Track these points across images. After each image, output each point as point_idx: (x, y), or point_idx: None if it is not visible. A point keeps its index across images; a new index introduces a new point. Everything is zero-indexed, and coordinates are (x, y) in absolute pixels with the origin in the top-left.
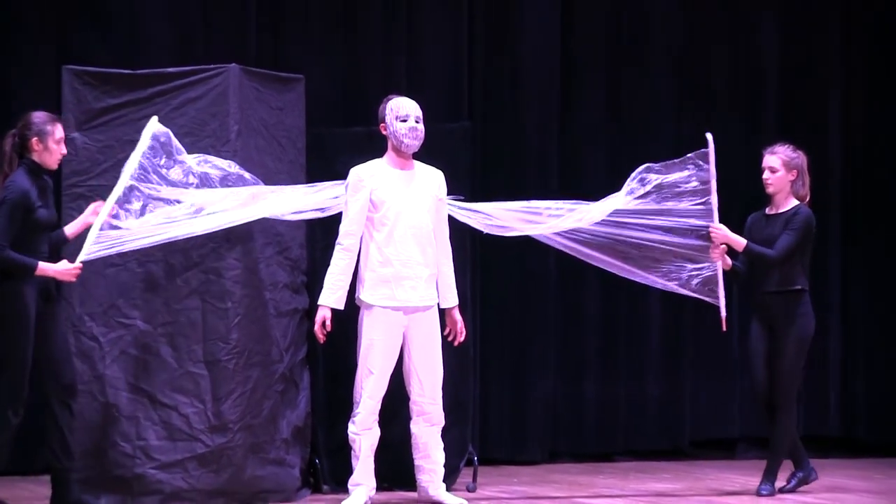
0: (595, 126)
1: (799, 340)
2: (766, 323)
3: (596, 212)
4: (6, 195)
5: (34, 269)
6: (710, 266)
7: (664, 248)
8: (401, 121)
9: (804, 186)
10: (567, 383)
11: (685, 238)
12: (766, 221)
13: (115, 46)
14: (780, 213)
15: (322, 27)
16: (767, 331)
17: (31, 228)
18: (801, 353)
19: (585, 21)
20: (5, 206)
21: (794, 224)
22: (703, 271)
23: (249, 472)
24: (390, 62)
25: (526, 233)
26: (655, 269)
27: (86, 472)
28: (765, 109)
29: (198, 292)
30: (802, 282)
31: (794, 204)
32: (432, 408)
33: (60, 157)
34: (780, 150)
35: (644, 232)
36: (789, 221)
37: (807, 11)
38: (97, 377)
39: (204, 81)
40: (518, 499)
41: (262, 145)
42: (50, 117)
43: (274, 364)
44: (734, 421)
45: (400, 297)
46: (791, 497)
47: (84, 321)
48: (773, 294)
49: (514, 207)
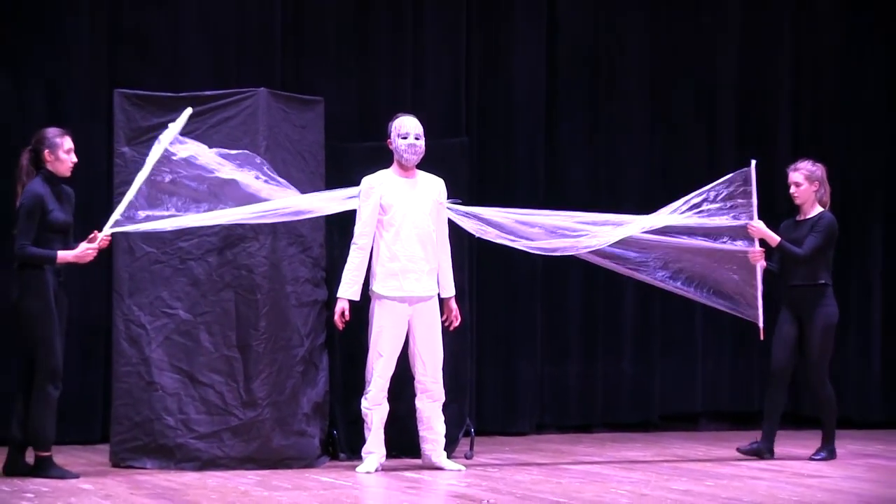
0: (576, 142)
1: (825, 328)
2: (795, 313)
3: (637, 226)
4: (23, 201)
5: (55, 259)
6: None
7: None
8: (402, 138)
9: (826, 194)
10: (551, 365)
11: (722, 243)
12: (795, 226)
13: (160, 71)
14: (807, 219)
15: (338, 54)
16: (796, 320)
17: (46, 229)
18: (827, 339)
19: (567, 50)
20: (23, 210)
21: (819, 227)
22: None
23: (276, 442)
24: (397, 85)
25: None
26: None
27: (134, 441)
28: (723, 125)
29: (231, 286)
30: (826, 277)
31: (819, 210)
32: (434, 386)
33: (71, 165)
34: (802, 167)
35: (684, 238)
36: (815, 225)
37: (760, 41)
38: (144, 360)
39: (236, 103)
40: (509, 465)
41: (287, 158)
42: (59, 132)
43: (296, 348)
44: (697, 397)
45: (406, 289)
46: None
47: (133, 311)
48: (801, 287)
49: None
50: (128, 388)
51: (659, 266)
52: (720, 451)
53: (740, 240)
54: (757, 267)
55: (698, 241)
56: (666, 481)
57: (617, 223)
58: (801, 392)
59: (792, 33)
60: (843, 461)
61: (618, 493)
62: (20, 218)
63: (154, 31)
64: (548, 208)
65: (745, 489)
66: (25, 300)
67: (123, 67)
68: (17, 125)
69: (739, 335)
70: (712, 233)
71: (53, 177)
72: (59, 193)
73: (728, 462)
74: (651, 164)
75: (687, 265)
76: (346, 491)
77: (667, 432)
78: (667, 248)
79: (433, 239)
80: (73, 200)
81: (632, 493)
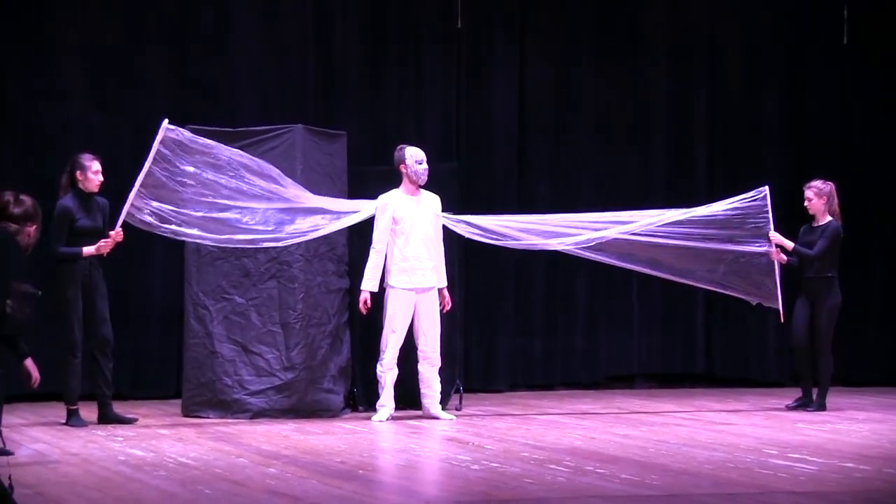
0: (541, 166)
1: (830, 311)
2: (809, 299)
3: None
4: (55, 212)
5: (80, 254)
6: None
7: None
8: (418, 163)
9: (836, 205)
10: (522, 338)
11: (747, 246)
12: (810, 231)
13: (220, 110)
14: (819, 226)
15: (357, 98)
16: (809, 305)
17: (75, 233)
18: (832, 319)
19: (534, 95)
20: (54, 219)
21: (826, 234)
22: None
23: (309, 397)
24: (402, 121)
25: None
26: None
27: (200, 397)
28: (654, 153)
29: (275, 277)
30: (833, 271)
31: (829, 219)
32: (433, 354)
33: (98, 183)
34: (813, 185)
35: (704, 243)
36: (824, 231)
37: (682, 88)
38: (207, 334)
39: (279, 136)
40: (489, 415)
41: (318, 179)
42: (90, 157)
43: (325, 325)
44: (633, 363)
45: (413, 282)
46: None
47: (199, 296)
48: (813, 279)
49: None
50: (195, 356)
51: (701, 271)
52: (652, 405)
53: (757, 244)
54: (776, 264)
55: (721, 245)
56: (610, 427)
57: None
58: (698, 356)
59: (705, 84)
60: (747, 413)
61: (573, 437)
62: (52, 226)
63: (215, 79)
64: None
65: (670, 433)
66: (58, 288)
67: (193, 107)
68: (112, 154)
69: (667, 314)
70: (732, 237)
71: (83, 192)
72: (89, 205)
73: (658, 413)
74: (599, 184)
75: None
76: (364, 435)
77: (610, 390)
78: (695, 256)
79: (434, 243)
80: (106, 209)
81: (584, 436)
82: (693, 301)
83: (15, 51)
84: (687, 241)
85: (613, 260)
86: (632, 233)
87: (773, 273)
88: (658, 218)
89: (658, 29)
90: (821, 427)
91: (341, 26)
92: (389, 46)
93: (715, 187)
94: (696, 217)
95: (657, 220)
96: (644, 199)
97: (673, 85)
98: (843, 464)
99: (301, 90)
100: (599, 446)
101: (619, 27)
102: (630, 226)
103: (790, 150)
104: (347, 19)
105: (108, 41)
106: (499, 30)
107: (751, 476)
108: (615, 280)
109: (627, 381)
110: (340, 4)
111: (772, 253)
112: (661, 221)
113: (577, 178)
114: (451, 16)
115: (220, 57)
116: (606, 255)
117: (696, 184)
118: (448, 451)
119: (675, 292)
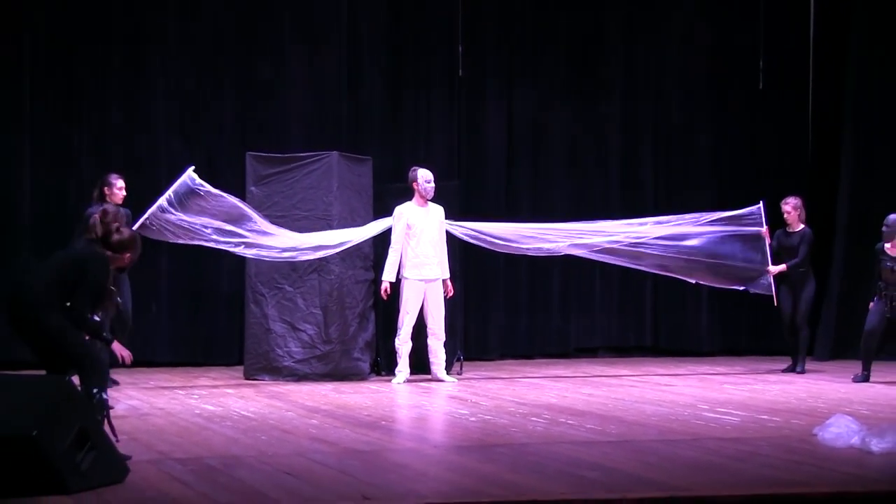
0: (524, 183)
1: (809, 297)
2: (790, 288)
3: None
4: (84, 218)
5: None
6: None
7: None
8: (427, 182)
9: (804, 214)
10: (509, 317)
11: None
12: (786, 235)
13: (272, 139)
14: (796, 231)
15: (380, 129)
16: (790, 292)
17: None
18: (810, 303)
19: (520, 124)
20: (82, 223)
21: (806, 240)
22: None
23: (342, 365)
24: (415, 148)
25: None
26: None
27: (257, 364)
28: (612, 173)
29: (316, 270)
30: (808, 265)
31: (802, 227)
32: (439, 331)
33: (122, 197)
34: (790, 201)
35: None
36: (802, 238)
37: (636, 119)
38: (263, 315)
39: (318, 161)
40: (484, 379)
41: (350, 195)
42: (116, 175)
43: (354, 308)
44: (597, 337)
45: (423, 274)
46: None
47: (257, 285)
48: (794, 273)
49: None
50: (254, 332)
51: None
52: (611, 370)
53: (751, 254)
54: (771, 268)
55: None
56: (578, 388)
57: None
58: (647, 332)
59: (651, 120)
60: (685, 377)
61: (549, 396)
62: (79, 228)
63: (269, 116)
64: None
65: (625, 393)
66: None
67: (251, 138)
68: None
69: (622, 299)
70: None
71: (110, 204)
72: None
73: (615, 377)
74: (569, 198)
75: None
76: (386, 394)
77: (578, 359)
78: (697, 260)
79: (439, 244)
80: (129, 217)
81: (558, 395)
82: (643, 289)
83: (118, 91)
84: (690, 255)
85: (624, 262)
86: (638, 241)
87: (767, 273)
88: (650, 229)
89: (615, 77)
90: (742, 387)
91: (368, 75)
92: (405, 90)
93: (659, 201)
94: (699, 231)
95: (650, 234)
96: (604, 210)
97: (626, 121)
98: (759, 416)
99: (336, 125)
100: (570, 403)
101: (585, 76)
102: (625, 233)
103: (716, 172)
104: (372, 70)
105: (189, 85)
106: (491, 77)
107: (687, 426)
108: (583, 272)
109: (592, 352)
110: (367, 59)
111: (769, 272)
112: (655, 234)
113: (552, 193)
114: (454, 66)
115: (273, 100)
116: (618, 257)
117: (644, 198)
118: (451, 407)
119: (629, 282)
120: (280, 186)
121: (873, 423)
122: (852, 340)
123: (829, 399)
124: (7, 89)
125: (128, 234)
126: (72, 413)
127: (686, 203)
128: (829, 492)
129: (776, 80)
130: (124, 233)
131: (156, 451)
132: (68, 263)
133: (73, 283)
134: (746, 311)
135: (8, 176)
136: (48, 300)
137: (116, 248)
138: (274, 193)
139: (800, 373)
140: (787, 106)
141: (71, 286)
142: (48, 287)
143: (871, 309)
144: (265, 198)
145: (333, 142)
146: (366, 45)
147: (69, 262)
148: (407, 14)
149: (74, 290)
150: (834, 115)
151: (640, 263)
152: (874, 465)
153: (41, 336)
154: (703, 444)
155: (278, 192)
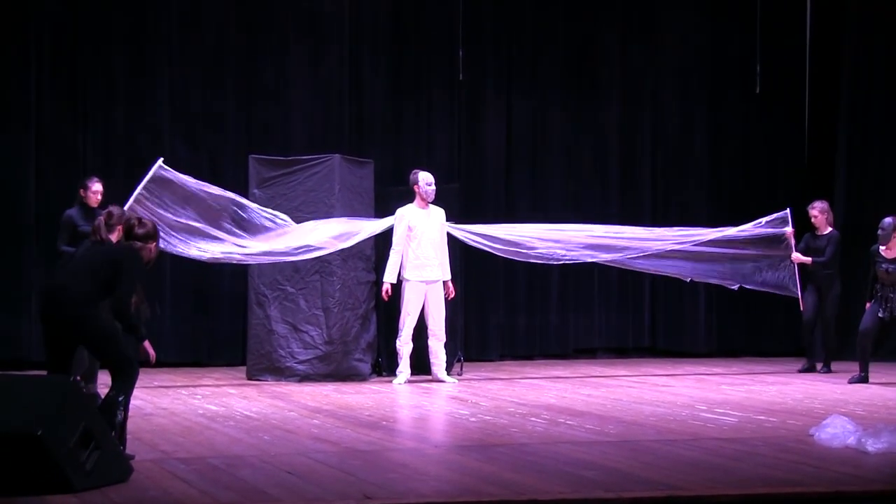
0: (523, 186)
1: (834, 299)
2: (816, 289)
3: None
4: (61, 218)
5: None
6: (787, 275)
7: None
8: (428, 184)
9: (831, 217)
10: (509, 318)
11: (769, 251)
12: (814, 238)
13: (276, 143)
14: (823, 235)
15: (381, 133)
16: (817, 292)
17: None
18: (836, 302)
19: (518, 128)
20: (60, 223)
21: (832, 241)
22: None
23: (344, 365)
24: (416, 151)
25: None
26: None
27: (260, 364)
28: (609, 177)
29: (318, 272)
30: (834, 268)
31: (830, 230)
32: (439, 331)
33: (97, 200)
34: (818, 205)
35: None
36: (830, 240)
37: (632, 123)
38: (266, 316)
39: (321, 164)
40: (484, 379)
41: (352, 197)
42: (95, 179)
43: (356, 309)
44: (595, 339)
45: (424, 276)
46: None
47: (260, 287)
48: (821, 274)
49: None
50: (257, 332)
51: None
52: (609, 371)
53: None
54: (795, 266)
55: (745, 251)
56: (577, 389)
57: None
58: (645, 333)
59: (649, 124)
60: (683, 377)
61: (549, 396)
62: (59, 229)
63: (273, 120)
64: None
65: (623, 393)
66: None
67: (256, 141)
68: (193, 177)
69: (621, 301)
70: (751, 247)
71: (86, 206)
72: (90, 215)
73: (614, 377)
74: (566, 200)
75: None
76: (387, 394)
77: (577, 360)
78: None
79: (440, 245)
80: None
81: (557, 395)
82: (641, 290)
83: (122, 92)
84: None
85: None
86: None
87: (794, 276)
88: (683, 237)
89: (612, 81)
90: (739, 388)
91: (369, 79)
92: (406, 94)
93: (657, 203)
94: (727, 237)
95: (689, 240)
96: (601, 212)
97: (623, 124)
98: (756, 416)
99: (338, 128)
100: (569, 403)
101: (583, 80)
102: (654, 243)
103: (713, 175)
104: (374, 74)
105: (193, 88)
106: (490, 81)
107: (685, 426)
108: (581, 274)
109: (591, 353)
110: (369, 63)
111: (794, 259)
112: (693, 241)
113: (550, 195)
114: (454, 71)
115: (277, 104)
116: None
117: (641, 201)
118: (451, 407)
119: (628, 284)
120: (282, 189)
121: (869, 424)
122: (848, 342)
123: (826, 400)
124: (13, 90)
125: (150, 224)
126: (77, 413)
127: (683, 205)
128: (825, 491)
129: (773, 83)
130: (147, 224)
131: (159, 450)
132: (99, 262)
133: (108, 281)
134: (743, 313)
135: (13, 176)
136: (93, 300)
137: (144, 239)
138: (276, 196)
139: (825, 373)
140: (784, 109)
141: (107, 285)
142: (90, 287)
143: (867, 310)
144: (268, 200)
145: (335, 145)
146: (367, 50)
147: (101, 261)
148: (408, 19)
149: (111, 287)
150: (830, 119)
151: (648, 265)
152: (870, 466)
153: (88, 336)
154: (701, 444)
155: (281, 194)
